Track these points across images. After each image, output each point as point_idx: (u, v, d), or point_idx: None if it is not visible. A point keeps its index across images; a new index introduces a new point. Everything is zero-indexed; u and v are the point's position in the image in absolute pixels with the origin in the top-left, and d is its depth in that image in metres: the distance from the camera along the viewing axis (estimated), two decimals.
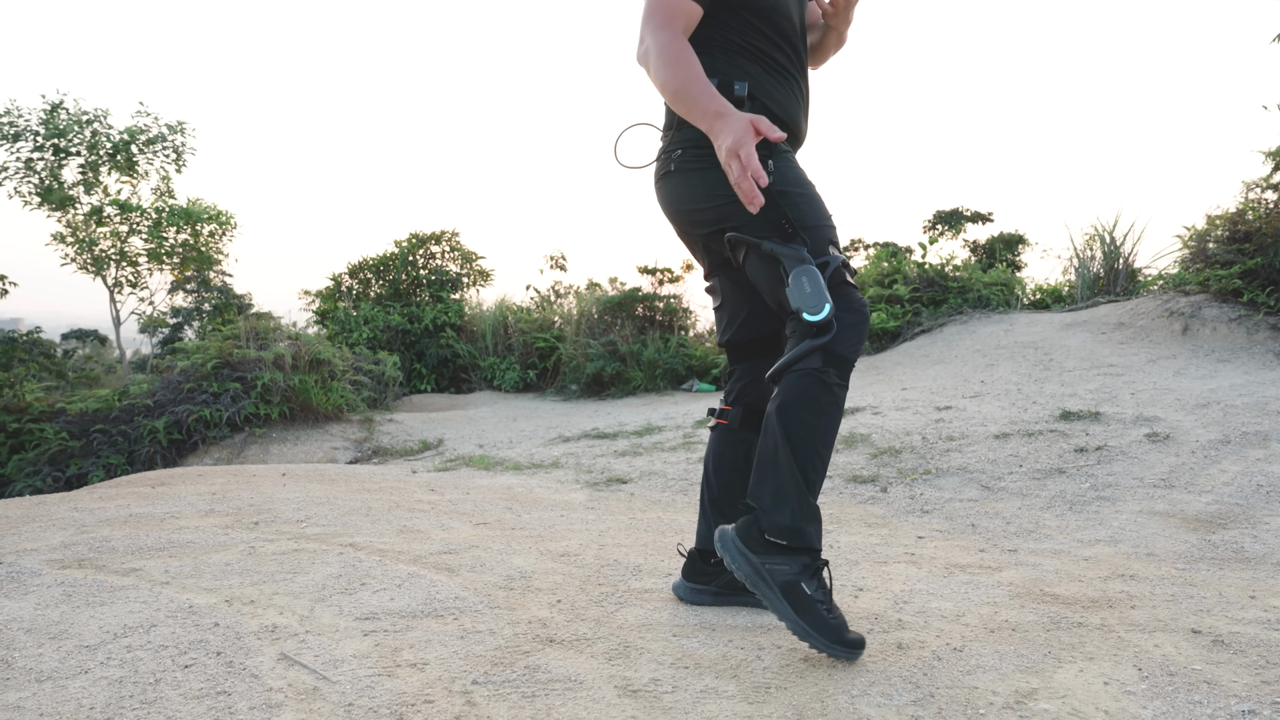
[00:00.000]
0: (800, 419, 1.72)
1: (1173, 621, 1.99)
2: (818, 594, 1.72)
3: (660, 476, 4.61)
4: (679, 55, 1.75)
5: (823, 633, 1.68)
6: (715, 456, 2.12)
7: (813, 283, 1.71)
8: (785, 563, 1.72)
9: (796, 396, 1.73)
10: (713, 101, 1.69)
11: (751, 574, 1.72)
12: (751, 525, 1.76)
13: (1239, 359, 5.57)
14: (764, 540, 1.73)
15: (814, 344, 1.71)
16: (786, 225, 1.80)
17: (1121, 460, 3.81)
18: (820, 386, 1.72)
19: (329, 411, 7.50)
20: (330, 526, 3.06)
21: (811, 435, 1.73)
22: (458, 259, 12.18)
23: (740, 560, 1.74)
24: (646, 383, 9.44)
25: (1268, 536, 2.84)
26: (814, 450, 1.73)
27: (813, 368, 1.72)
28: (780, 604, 1.70)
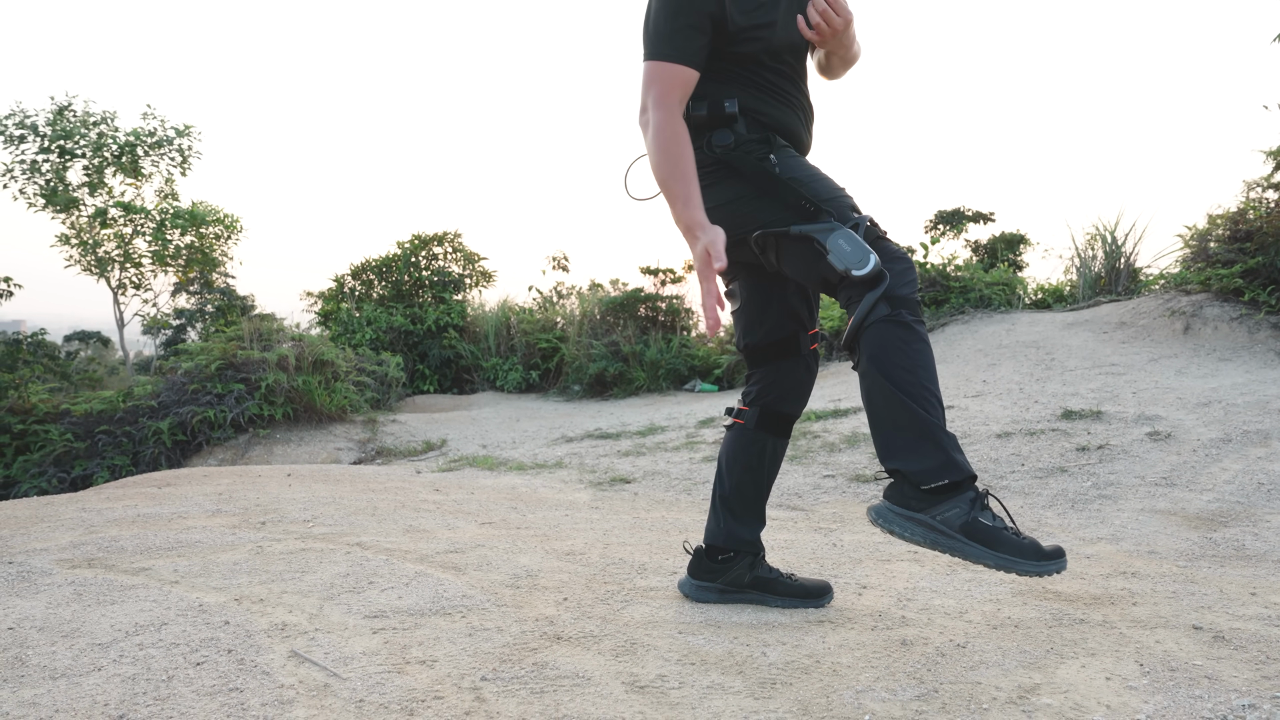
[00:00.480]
0: (897, 364, 1.70)
1: (1174, 618, 2.00)
2: (997, 523, 1.66)
3: (664, 476, 4.63)
4: (673, 141, 1.81)
5: (1025, 556, 1.62)
6: (729, 455, 2.14)
7: (850, 241, 1.74)
8: (954, 505, 1.66)
9: (884, 345, 1.71)
10: (688, 209, 1.77)
11: (928, 533, 1.66)
12: (903, 486, 1.71)
13: (1240, 358, 5.58)
14: (923, 493, 1.67)
15: (875, 295, 1.71)
16: (807, 204, 1.84)
17: (1123, 459, 3.82)
18: (900, 327, 1.72)
19: (332, 412, 7.52)
20: (337, 526, 3.08)
21: (914, 375, 1.70)
22: (460, 260, 12.20)
23: (910, 525, 1.67)
24: (649, 383, 9.46)
25: (1268, 534, 2.86)
26: (924, 388, 1.70)
27: (884, 315, 1.72)
28: (972, 548, 1.63)
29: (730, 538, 2.12)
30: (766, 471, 2.12)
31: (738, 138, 1.90)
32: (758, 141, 1.91)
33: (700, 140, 1.93)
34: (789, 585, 2.15)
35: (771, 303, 2.05)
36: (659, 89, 1.83)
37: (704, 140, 1.92)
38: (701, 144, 1.92)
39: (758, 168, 1.88)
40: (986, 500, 1.69)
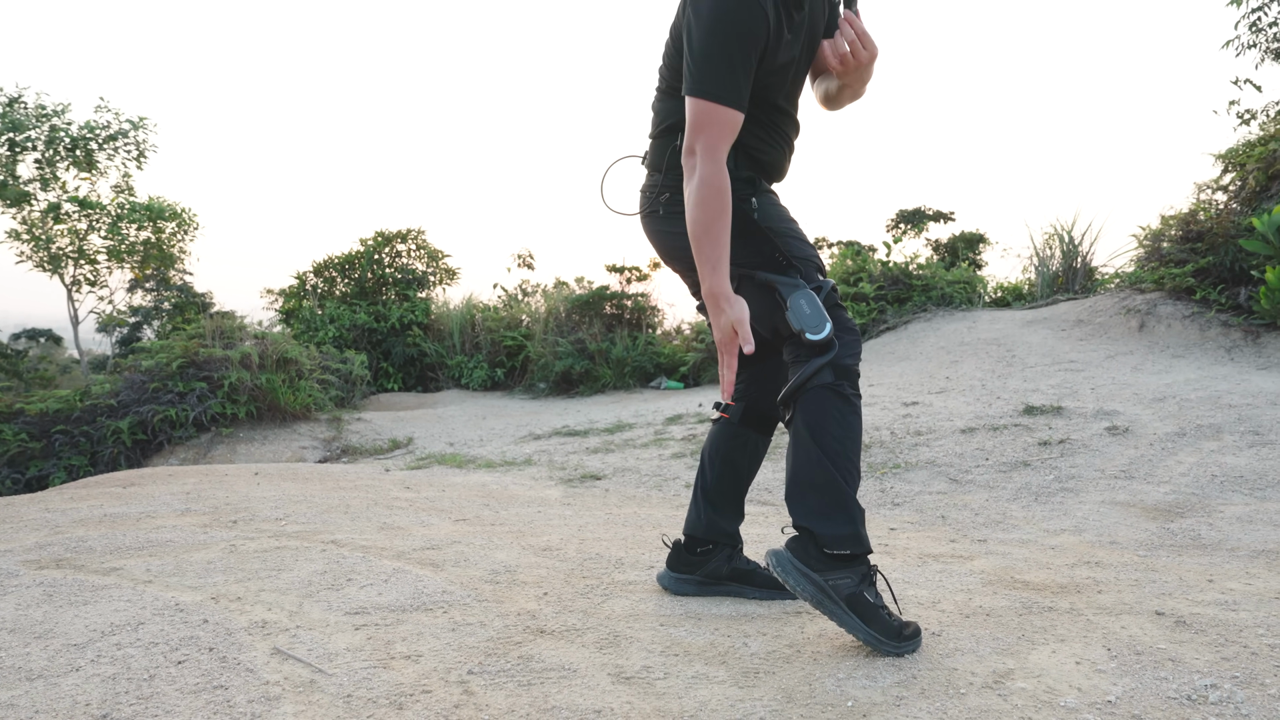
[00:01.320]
0: (829, 432, 1.77)
1: (1137, 604, 2.07)
2: (877, 600, 1.77)
3: (634, 473, 4.66)
4: (718, 198, 1.74)
5: (889, 636, 1.73)
6: (712, 448, 2.17)
7: (811, 304, 1.79)
8: (846, 575, 1.75)
9: (822, 412, 1.78)
10: (716, 276, 1.75)
11: (816, 593, 1.74)
12: (808, 544, 1.77)
13: (1192, 354, 5.75)
14: (824, 556, 1.75)
15: (822, 361, 1.78)
16: (779, 258, 1.88)
17: (1083, 453, 3.92)
18: (840, 399, 1.79)
19: (297, 411, 7.44)
20: (310, 524, 3.06)
21: (842, 445, 1.78)
22: (424, 257, 12.12)
23: (803, 580, 1.74)
24: (615, 380, 9.48)
25: (1222, 524, 2.96)
26: (847, 457, 1.79)
27: (826, 382, 1.78)
28: (849, 618, 1.73)
29: (711, 529, 2.15)
30: (748, 466, 2.16)
31: None
32: (744, 181, 1.91)
33: None
34: (766, 577, 2.19)
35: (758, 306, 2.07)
36: (713, 136, 1.75)
37: None
38: None
39: (738, 209, 1.88)
40: (874, 578, 1.79)
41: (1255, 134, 7.16)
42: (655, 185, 2.00)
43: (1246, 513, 3.07)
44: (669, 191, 1.96)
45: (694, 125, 1.76)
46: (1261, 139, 6.94)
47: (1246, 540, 2.77)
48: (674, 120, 1.95)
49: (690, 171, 1.77)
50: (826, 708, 1.49)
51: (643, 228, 2.08)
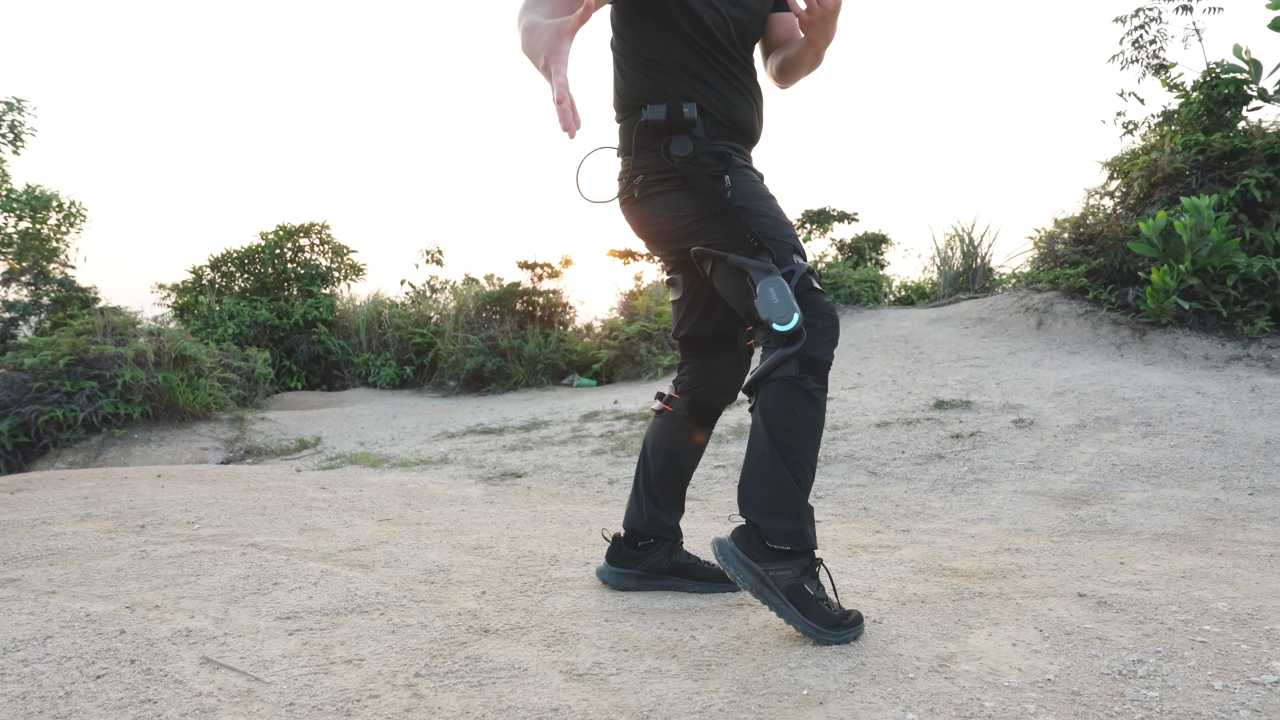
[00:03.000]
0: (786, 427, 1.76)
1: (1060, 587, 2.16)
2: (819, 592, 1.78)
3: (554, 470, 4.62)
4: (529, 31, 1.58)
5: (828, 626, 1.75)
6: (655, 441, 2.15)
7: (780, 293, 1.76)
8: (787, 567, 1.76)
9: (782, 407, 1.76)
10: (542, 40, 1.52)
11: (757, 583, 1.75)
12: (750, 534, 1.78)
13: (1086, 351, 6.05)
14: (767, 549, 1.76)
15: (786, 352, 1.75)
16: (751, 239, 1.84)
17: (994, 445, 4.08)
18: (800, 393, 1.77)
19: (196, 410, 7.11)
20: (225, 527, 2.92)
21: (798, 441, 1.77)
22: (328, 252, 11.76)
23: (744, 570, 1.75)
24: (528, 378, 9.40)
25: (1125, 510, 3.12)
26: (803, 455, 1.78)
27: (789, 375, 1.76)
28: (787, 608, 1.75)
29: (652, 523, 2.14)
30: (690, 460, 2.16)
31: (696, 145, 1.86)
32: (715, 157, 1.89)
33: (656, 145, 1.89)
34: (707, 570, 2.19)
35: (711, 296, 2.06)
36: None
37: (661, 146, 1.89)
38: (658, 149, 1.89)
39: (710, 187, 1.85)
40: (817, 571, 1.80)
41: (1139, 144, 7.59)
42: (628, 169, 1.97)
43: (1145, 499, 3.24)
44: (642, 174, 1.93)
45: None
46: (1144, 149, 7.35)
47: (1148, 525, 2.93)
48: (635, 98, 1.93)
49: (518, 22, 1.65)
50: (782, 697, 1.50)
51: (625, 220, 2.04)
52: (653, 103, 1.88)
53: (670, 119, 1.86)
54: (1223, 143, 6.65)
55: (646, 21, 1.89)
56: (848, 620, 1.78)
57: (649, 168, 1.91)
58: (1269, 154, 6.45)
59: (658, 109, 1.87)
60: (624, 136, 1.99)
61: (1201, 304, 6.04)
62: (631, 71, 1.93)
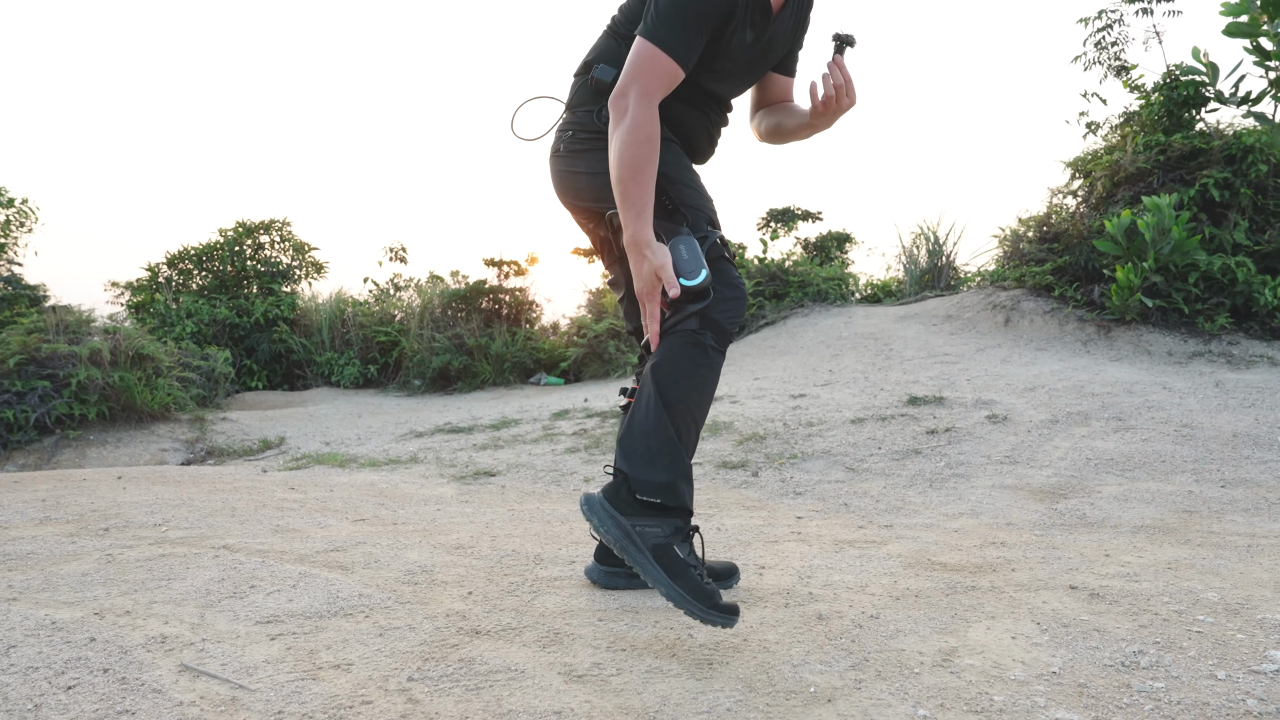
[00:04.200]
0: (674, 379, 1.71)
1: (1051, 580, 2.16)
2: (690, 558, 1.68)
3: (528, 469, 4.56)
4: (648, 144, 1.70)
5: (697, 597, 1.61)
6: None
7: (690, 251, 1.73)
8: (656, 524, 1.67)
9: (672, 356, 1.72)
10: (640, 223, 1.69)
11: (620, 537, 1.65)
12: (620, 487, 1.70)
13: (1053, 348, 6.12)
14: (635, 501, 1.68)
15: (693, 308, 1.72)
16: (667, 202, 1.82)
17: (969, 440, 4.10)
18: (696, 347, 1.72)
19: (155, 411, 6.92)
20: (195, 529, 2.82)
21: (685, 394, 1.71)
22: (289, 250, 11.54)
23: (609, 523, 1.67)
24: (495, 377, 9.30)
25: (1102, 503, 3.14)
26: (688, 409, 1.72)
27: (689, 329, 1.72)
28: (652, 568, 1.63)
29: None
30: None
31: None
32: None
33: (593, 105, 1.92)
34: None
35: None
36: (651, 81, 1.72)
37: (597, 107, 1.91)
38: (593, 110, 1.91)
39: None
40: (691, 537, 1.73)
41: (1101, 144, 7.71)
42: (562, 124, 1.99)
43: (1121, 492, 3.27)
44: (572, 129, 1.94)
45: (635, 67, 1.73)
46: (1107, 149, 7.46)
47: (1126, 517, 2.95)
48: (596, 57, 1.94)
49: (621, 114, 1.72)
50: (789, 695, 1.47)
51: (550, 173, 2.04)
52: (607, 64, 1.89)
53: (614, 81, 1.83)
54: (1183, 143, 6.77)
55: None
56: (721, 602, 1.64)
57: (580, 125, 1.93)
58: (1227, 155, 6.58)
59: (607, 70, 1.88)
60: (571, 92, 2.02)
61: (1164, 301, 6.15)
62: (611, 40, 1.94)
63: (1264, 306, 5.97)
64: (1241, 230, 6.33)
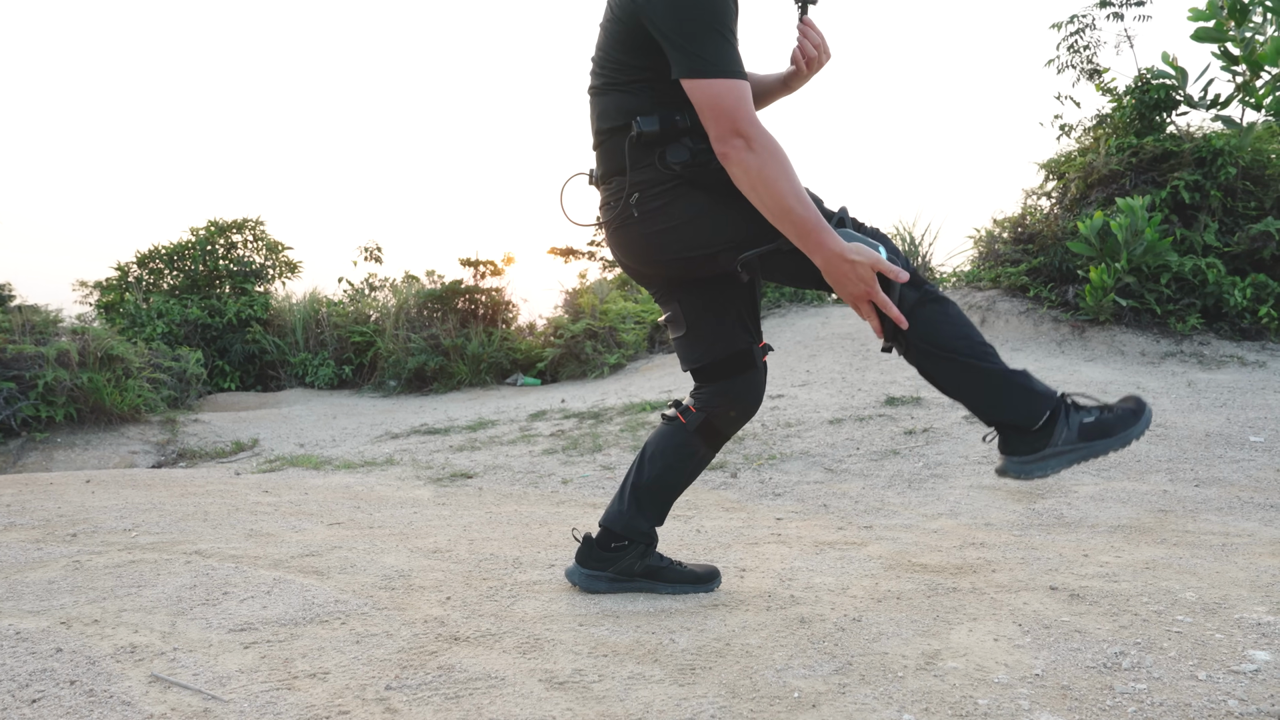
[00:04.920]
0: (952, 335, 1.75)
1: (1031, 581, 2.16)
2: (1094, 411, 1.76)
3: (506, 470, 4.52)
4: (787, 162, 1.66)
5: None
6: (658, 447, 2.07)
7: (850, 239, 1.70)
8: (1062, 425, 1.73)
9: (933, 325, 1.74)
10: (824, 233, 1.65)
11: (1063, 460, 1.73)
12: (1015, 436, 1.76)
13: (1029, 348, 6.17)
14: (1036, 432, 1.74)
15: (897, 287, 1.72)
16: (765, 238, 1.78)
17: (946, 440, 4.11)
18: (934, 302, 1.76)
19: (124, 412, 6.80)
20: (165, 534, 2.77)
21: (968, 339, 1.76)
22: (262, 249, 11.41)
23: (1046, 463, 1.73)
24: (471, 377, 9.24)
25: (1079, 503, 3.16)
26: (979, 345, 1.76)
27: (915, 299, 1.74)
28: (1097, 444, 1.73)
29: (630, 527, 2.07)
30: (688, 476, 2.09)
31: (693, 151, 1.78)
32: (709, 152, 1.79)
33: (650, 158, 1.80)
34: (679, 572, 2.14)
35: (724, 319, 1.98)
36: (747, 108, 1.64)
37: (655, 156, 1.80)
38: (653, 160, 1.80)
39: (719, 176, 1.76)
40: (1075, 401, 1.78)
41: (1074, 146, 7.78)
42: (620, 189, 1.85)
43: (1097, 492, 3.29)
44: (637, 190, 1.81)
45: (719, 108, 1.64)
46: (1080, 150, 7.54)
47: (1103, 517, 2.97)
48: (620, 117, 1.83)
49: (742, 151, 1.64)
50: (773, 700, 1.45)
51: (612, 240, 1.92)
52: (643, 116, 1.79)
53: (664, 128, 1.77)
54: (1154, 146, 6.85)
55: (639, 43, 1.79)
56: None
57: (645, 183, 1.81)
58: (1197, 157, 6.66)
59: (650, 120, 1.77)
60: (609, 158, 1.87)
61: (1137, 302, 6.21)
62: (615, 94, 1.84)
63: (1233, 307, 6.05)
64: (1212, 232, 6.41)
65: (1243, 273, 6.40)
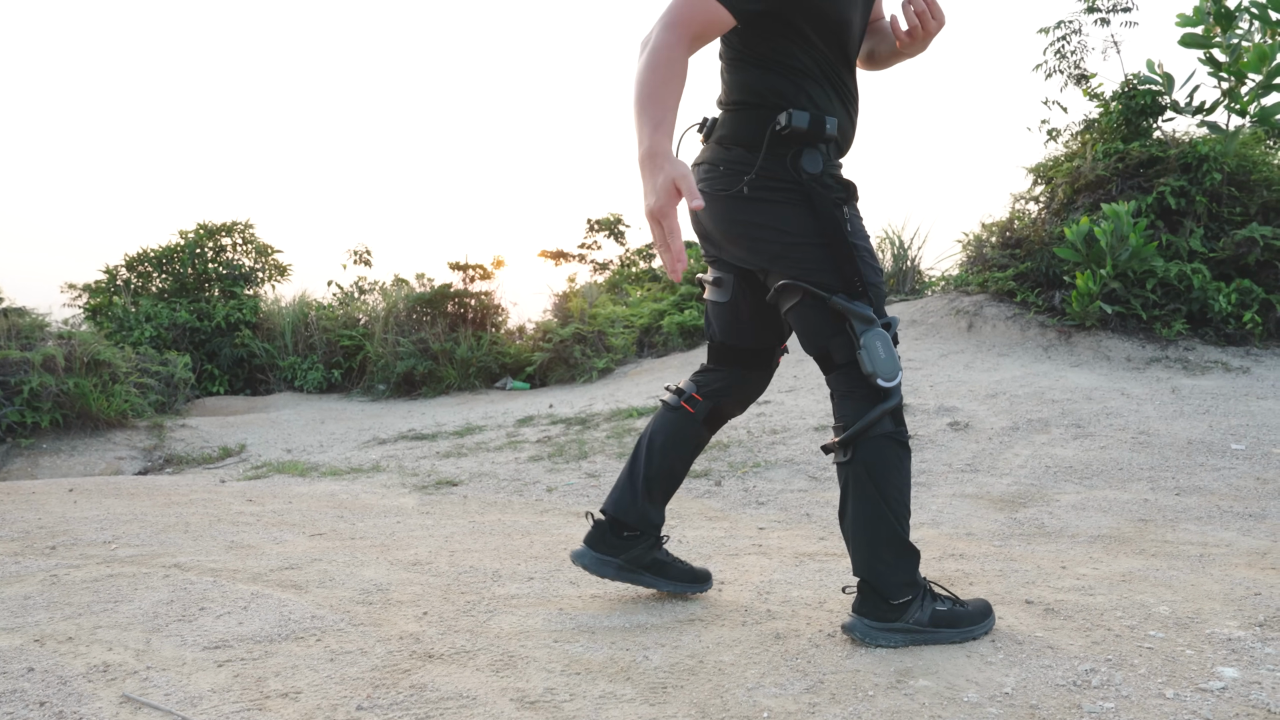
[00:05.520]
0: (893, 483, 1.79)
1: (1007, 594, 2.17)
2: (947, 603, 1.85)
3: (491, 477, 4.52)
4: (668, 65, 1.61)
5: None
6: (666, 437, 2.08)
7: (886, 348, 1.74)
8: (916, 608, 1.81)
9: (885, 462, 1.78)
10: (657, 133, 1.57)
11: (909, 637, 1.80)
12: (874, 599, 1.80)
13: (1015, 353, 6.19)
14: (893, 605, 1.79)
15: (885, 408, 1.76)
16: (858, 282, 1.78)
17: (931, 448, 4.12)
18: (900, 446, 1.80)
19: (111, 418, 6.78)
20: (145, 546, 2.76)
21: (902, 495, 1.81)
22: (251, 252, 11.38)
23: (892, 635, 1.79)
24: (460, 381, 9.22)
25: (1061, 512, 3.17)
26: (906, 507, 1.83)
27: (887, 431, 1.77)
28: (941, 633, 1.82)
29: (643, 519, 2.09)
30: (690, 461, 2.15)
31: (826, 165, 1.79)
32: (839, 183, 1.81)
33: (786, 153, 1.78)
34: (681, 570, 2.18)
35: (761, 312, 1.99)
36: (679, 13, 1.64)
37: (789, 155, 1.77)
38: (786, 158, 1.77)
39: (831, 214, 1.76)
40: (933, 589, 1.88)
41: (1062, 150, 7.81)
42: (741, 162, 1.81)
43: (1079, 501, 3.31)
44: (759, 174, 1.78)
45: (678, 6, 1.65)
46: (1068, 155, 7.57)
47: (1084, 527, 2.98)
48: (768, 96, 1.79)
49: (644, 44, 1.65)
50: None
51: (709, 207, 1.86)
52: (795, 107, 1.76)
53: (813, 129, 1.75)
54: (1140, 151, 6.88)
55: (764, 20, 1.76)
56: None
57: (769, 173, 1.79)
58: (1183, 163, 6.70)
59: (802, 115, 1.74)
60: (743, 127, 1.82)
61: (1123, 307, 6.24)
62: (755, 68, 1.80)
63: (1218, 313, 6.08)
64: (1197, 237, 6.44)
65: (1228, 278, 6.43)
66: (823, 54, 1.80)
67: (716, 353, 2.10)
